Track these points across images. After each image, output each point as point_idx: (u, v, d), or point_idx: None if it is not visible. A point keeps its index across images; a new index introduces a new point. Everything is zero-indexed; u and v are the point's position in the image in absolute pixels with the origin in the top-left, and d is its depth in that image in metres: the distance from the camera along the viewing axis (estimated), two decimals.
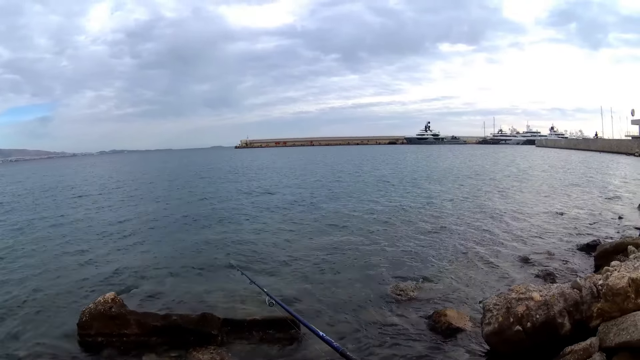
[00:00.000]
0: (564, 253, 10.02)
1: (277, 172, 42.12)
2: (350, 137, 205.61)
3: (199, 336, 5.74)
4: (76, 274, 9.47)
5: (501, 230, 12.67)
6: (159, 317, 6.03)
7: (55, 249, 11.88)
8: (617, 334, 4.10)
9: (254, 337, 5.95)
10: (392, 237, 12.10)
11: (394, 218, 15.17)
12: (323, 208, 17.91)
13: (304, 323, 4.13)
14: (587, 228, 12.69)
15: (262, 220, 15.54)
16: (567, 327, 4.80)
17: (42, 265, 10.15)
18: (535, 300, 4.94)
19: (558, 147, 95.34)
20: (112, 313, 5.96)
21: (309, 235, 12.72)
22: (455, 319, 6.26)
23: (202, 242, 12.32)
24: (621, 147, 63.16)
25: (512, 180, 28.43)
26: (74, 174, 53.82)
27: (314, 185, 28.25)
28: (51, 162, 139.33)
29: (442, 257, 9.99)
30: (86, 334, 5.91)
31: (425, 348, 5.69)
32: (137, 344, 5.76)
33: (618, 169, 35.94)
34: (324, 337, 3.50)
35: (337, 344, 3.32)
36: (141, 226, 15.11)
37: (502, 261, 9.56)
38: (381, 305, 7.23)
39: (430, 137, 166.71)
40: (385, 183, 28.24)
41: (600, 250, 8.52)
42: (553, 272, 8.39)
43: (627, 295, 4.31)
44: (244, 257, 10.44)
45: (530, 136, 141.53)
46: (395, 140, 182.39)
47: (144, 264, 10.13)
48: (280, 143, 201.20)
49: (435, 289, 7.84)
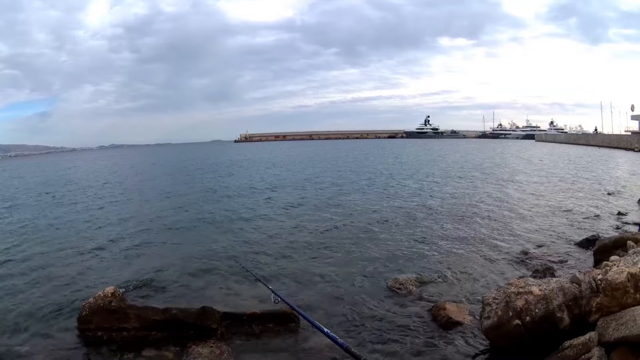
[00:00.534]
0: (563, 248, 10.04)
1: (278, 167, 42.06)
2: (350, 131, 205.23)
3: (199, 330, 5.75)
4: (76, 268, 9.48)
5: (500, 225, 12.67)
6: (159, 311, 6.03)
7: (55, 244, 11.90)
8: (616, 329, 4.11)
9: (253, 331, 5.96)
10: (391, 232, 12.11)
11: (393, 213, 15.16)
12: (324, 202, 17.90)
13: (309, 320, 4.14)
14: (586, 223, 12.69)
15: (263, 214, 15.53)
16: (566, 321, 4.81)
17: (43, 260, 10.18)
18: (535, 295, 4.95)
19: (558, 142, 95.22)
20: (111, 307, 5.97)
21: (309, 230, 12.71)
22: (455, 312, 6.28)
23: (202, 237, 12.34)
24: (621, 143, 63.09)
25: (510, 174, 28.37)
26: (75, 169, 53.76)
27: (315, 179, 28.21)
28: (51, 157, 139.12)
29: (441, 251, 10.01)
30: (86, 328, 5.91)
31: (425, 342, 5.71)
32: (137, 338, 5.76)
33: (618, 164, 35.91)
34: (328, 334, 3.52)
35: (342, 341, 3.34)
36: (142, 221, 15.09)
37: (502, 255, 9.58)
38: (381, 299, 7.25)
39: (429, 131, 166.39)
40: (384, 177, 28.21)
41: (600, 245, 8.50)
42: (552, 266, 8.39)
43: (626, 290, 4.31)
44: (244, 252, 10.45)
45: (529, 131, 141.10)
46: (395, 134, 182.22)
47: (144, 258, 10.16)
48: (280, 137, 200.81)
49: (435, 283, 7.87)
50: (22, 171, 54.85)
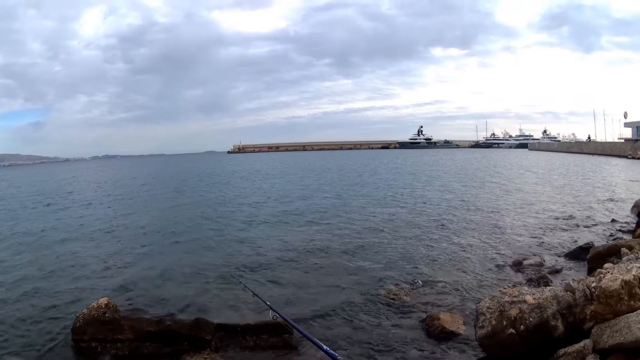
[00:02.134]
0: (557, 256, 10.08)
1: (272, 178, 42.11)
2: (343, 142, 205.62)
3: (193, 341, 5.71)
4: (70, 279, 9.41)
5: (494, 234, 12.70)
6: (153, 322, 5.99)
7: (50, 254, 11.79)
8: (610, 336, 4.12)
9: (247, 342, 5.92)
10: (385, 242, 12.10)
11: (386, 222, 15.18)
12: (318, 213, 17.90)
13: (308, 337, 4.17)
14: (580, 230, 12.76)
15: (259, 226, 15.47)
16: (560, 329, 4.81)
17: (36, 270, 10.09)
18: (529, 303, 4.95)
19: (551, 150, 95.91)
20: (105, 318, 5.92)
21: (303, 241, 12.66)
22: (449, 322, 6.28)
23: (198, 248, 12.25)
24: (614, 150, 63.65)
25: (504, 183, 28.51)
26: (70, 180, 53.52)
27: (310, 189, 28.22)
28: (45, 168, 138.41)
29: (434, 261, 10.01)
30: (80, 339, 5.86)
31: (419, 352, 5.70)
32: (131, 349, 5.72)
33: (611, 172, 36.16)
34: (328, 351, 3.54)
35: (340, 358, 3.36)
36: (137, 232, 15.02)
37: (495, 264, 9.59)
38: (375, 309, 7.23)
39: (422, 142, 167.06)
40: (379, 187, 28.26)
41: (594, 252, 8.53)
42: (546, 274, 8.42)
43: (620, 297, 4.33)
44: (239, 264, 10.35)
45: (523, 139, 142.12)
46: (388, 145, 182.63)
47: (139, 269, 10.08)
48: (273, 148, 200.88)
49: (429, 293, 7.86)
50: (19, 181, 54.51)
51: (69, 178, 56.38)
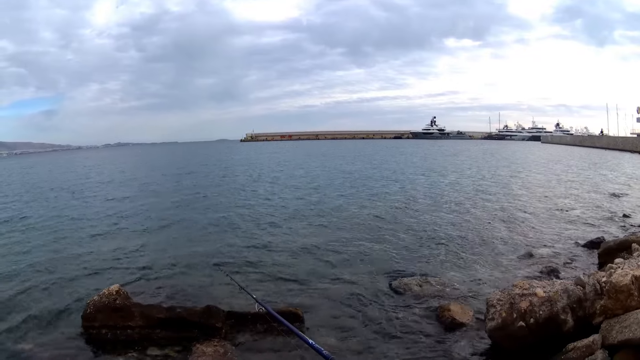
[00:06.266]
0: (568, 250, 10.01)
1: (284, 167, 42.08)
2: (356, 131, 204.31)
3: (203, 329, 5.76)
4: (81, 266, 9.51)
5: (505, 227, 12.64)
6: (163, 309, 6.06)
7: (62, 242, 11.94)
8: (619, 332, 4.11)
9: (258, 330, 5.97)
10: (395, 233, 12.08)
11: (397, 214, 15.16)
12: (327, 204, 17.93)
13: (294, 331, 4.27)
14: (591, 225, 12.65)
15: (273, 216, 15.46)
16: (570, 323, 4.81)
17: (48, 258, 10.19)
18: (539, 297, 4.95)
19: (563, 144, 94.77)
20: (116, 305, 6.01)
21: (314, 231, 12.73)
22: (459, 313, 6.29)
23: (210, 237, 12.33)
24: (626, 145, 62.69)
25: (515, 176, 28.30)
26: (84, 168, 53.93)
27: (321, 181, 28.20)
28: (57, 155, 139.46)
29: (445, 253, 10.01)
30: (90, 326, 5.94)
31: (429, 342, 5.73)
32: (141, 336, 5.78)
33: (623, 167, 35.67)
34: (313, 345, 3.60)
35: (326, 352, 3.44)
36: (150, 220, 15.13)
37: (506, 257, 9.57)
38: (385, 300, 7.27)
39: (436, 132, 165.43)
40: (388, 179, 28.18)
41: (604, 247, 8.49)
42: (556, 268, 8.38)
43: (631, 292, 4.31)
44: (246, 254, 10.39)
45: (535, 132, 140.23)
46: (401, 135, 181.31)
47: (150, 257, 10.16)
48: (286, 137, 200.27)
49: (439, 284, 7.84)
50: (32, 170, 55.04)
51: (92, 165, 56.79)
